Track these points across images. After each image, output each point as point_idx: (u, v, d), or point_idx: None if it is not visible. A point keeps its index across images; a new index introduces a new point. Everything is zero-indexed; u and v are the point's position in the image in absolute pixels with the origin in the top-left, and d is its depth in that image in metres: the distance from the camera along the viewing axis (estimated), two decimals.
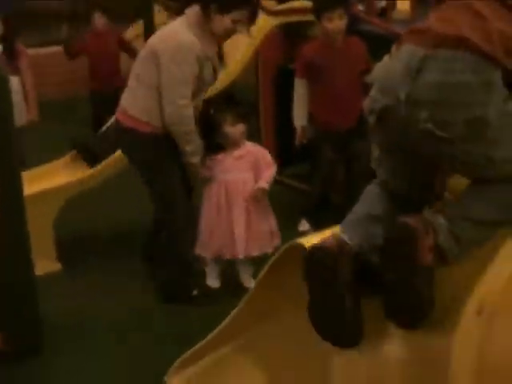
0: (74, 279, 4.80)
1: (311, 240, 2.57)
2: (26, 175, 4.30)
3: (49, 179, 5.08)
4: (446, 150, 2.33)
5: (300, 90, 5.15)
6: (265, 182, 4.36)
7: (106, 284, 4.70)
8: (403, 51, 2.38)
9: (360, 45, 5.11)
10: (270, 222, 4.45)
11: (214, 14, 4.01)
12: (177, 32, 4.02)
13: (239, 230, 4.32)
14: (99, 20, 7.96)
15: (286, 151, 6.09)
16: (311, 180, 5.52)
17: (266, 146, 4.83)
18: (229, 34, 4.17)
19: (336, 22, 4.97)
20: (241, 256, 4.35)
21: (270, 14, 5.50)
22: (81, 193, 5.01)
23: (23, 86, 5.87)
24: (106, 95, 7.45)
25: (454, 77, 2.25)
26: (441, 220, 2.35)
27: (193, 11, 4.05)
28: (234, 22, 4.06)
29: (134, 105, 4.16)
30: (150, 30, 7.85)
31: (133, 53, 7.22)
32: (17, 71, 5.82)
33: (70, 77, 9.69)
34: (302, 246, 2.53)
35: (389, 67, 2.43)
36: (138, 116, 4.12)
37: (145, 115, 4.10)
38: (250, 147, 4.43)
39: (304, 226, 5.41)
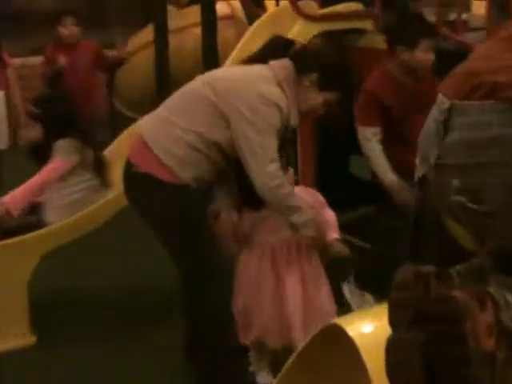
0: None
1: (353, 321, 2.32)
2: None
3: None
4: (485, 224, 2.12)
5: (376, 146, 4.32)
6: (335, 231, 3.70)
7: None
8: (435, 103, 2.28)
9: (434, 81, 4.21)
10: (328, 294, 3.78)
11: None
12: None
13: (294, 307, 3.59)
14: (70, 27, 6.44)
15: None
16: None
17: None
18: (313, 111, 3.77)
19: (430, 55, 4.28)
20: (299, 343, 3.29)
21: (311, 20, 4.67)
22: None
23: (9, 101, 5.41)
24: None
25: (481, 132, 2.05)
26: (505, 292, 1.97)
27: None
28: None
29: (171, 155, 3.53)
30: (162, 36, 7.40)
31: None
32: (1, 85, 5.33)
33: None
34: (341, 329, 2.20)
35: (425, 126, 2.37)
36: (176, 170, 3.52)
37: (190, 171, 3.55)
38: (298, 191, 3.75)
39: (350, 291, 4.56)
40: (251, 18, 6.16)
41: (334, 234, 3.69)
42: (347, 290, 4.56)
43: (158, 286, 4.83)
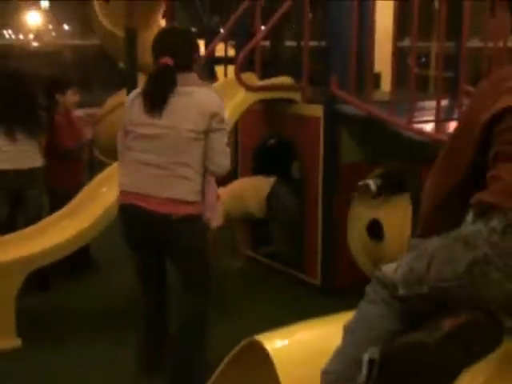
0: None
1: (272, 338, 2.11)
2: None
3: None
4: None
5: None
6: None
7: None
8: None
9: None
10: None
11: None
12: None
13: None
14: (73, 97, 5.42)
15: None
16: None
17: None
18: None
19: None
20: None
21: (251, 90, 4.62)
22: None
23: None
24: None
25: None
26: None
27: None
28: None
29: (182, 190, 3.28)
30: None
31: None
32: None
33: None
34: (260, 345, 2.06)
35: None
36: (192, 199, 3.30)
37: (198, 196, 3.34)
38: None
39: None
40: None
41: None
42: None
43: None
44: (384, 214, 4.65)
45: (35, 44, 18.60)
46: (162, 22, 8.35)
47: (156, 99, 3.21)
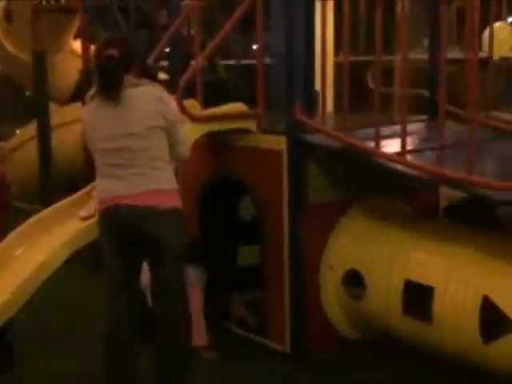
0: None
1: None
2: None
3: None
4: None
5: None
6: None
7: None
8: None
9: None
10: None
11: None
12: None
13: None
14: None
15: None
16: None
17: None
18: None
19: None
20: None
21: (197, 121, 3.74)
22: None
23: None
24: None
25: None
26: None
27: None
28: None
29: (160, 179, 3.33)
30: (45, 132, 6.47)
31: None
32: None
33: None
34: None
35: None
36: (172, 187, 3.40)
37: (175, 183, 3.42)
38: None
39: None
40: None
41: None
42: None
43: None
44: (365, 261, 3.87)
45: None
46: (75, 44, 7.41)
47: (109, 87, 3.21)
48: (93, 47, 4.87)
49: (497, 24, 6.22)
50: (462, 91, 3.25)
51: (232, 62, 5.67)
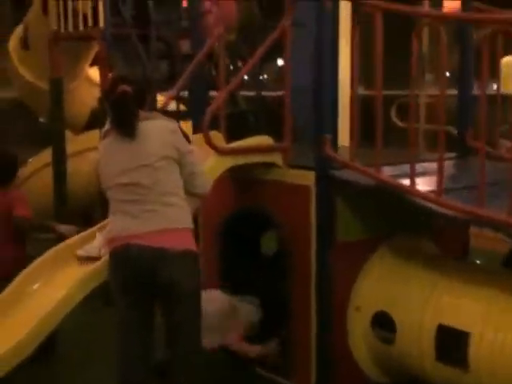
0: None
1: None
2: None
3: None
4: None
5: None
6: None
7: None
8: None
9: None
10: None
11: None
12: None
13: None
14: None
15: None
16: None
17: None
18: None
19: None
20: None
21: (223, 154, 3.60)
22: None
23: None
24: None
25: None
26: None
27: None
28: None
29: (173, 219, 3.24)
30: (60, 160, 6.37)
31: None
32: None
33: None
34: None
35: None
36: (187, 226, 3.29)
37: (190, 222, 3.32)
38: None
39: None
40: None
41: None
42: None
43: None
44: (395, 302, 3.72)
45: None
46: (91, 72, 7.33)
47: (125, 122, 3.18)
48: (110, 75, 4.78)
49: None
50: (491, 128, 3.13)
51: (251, 93, 5.54)
